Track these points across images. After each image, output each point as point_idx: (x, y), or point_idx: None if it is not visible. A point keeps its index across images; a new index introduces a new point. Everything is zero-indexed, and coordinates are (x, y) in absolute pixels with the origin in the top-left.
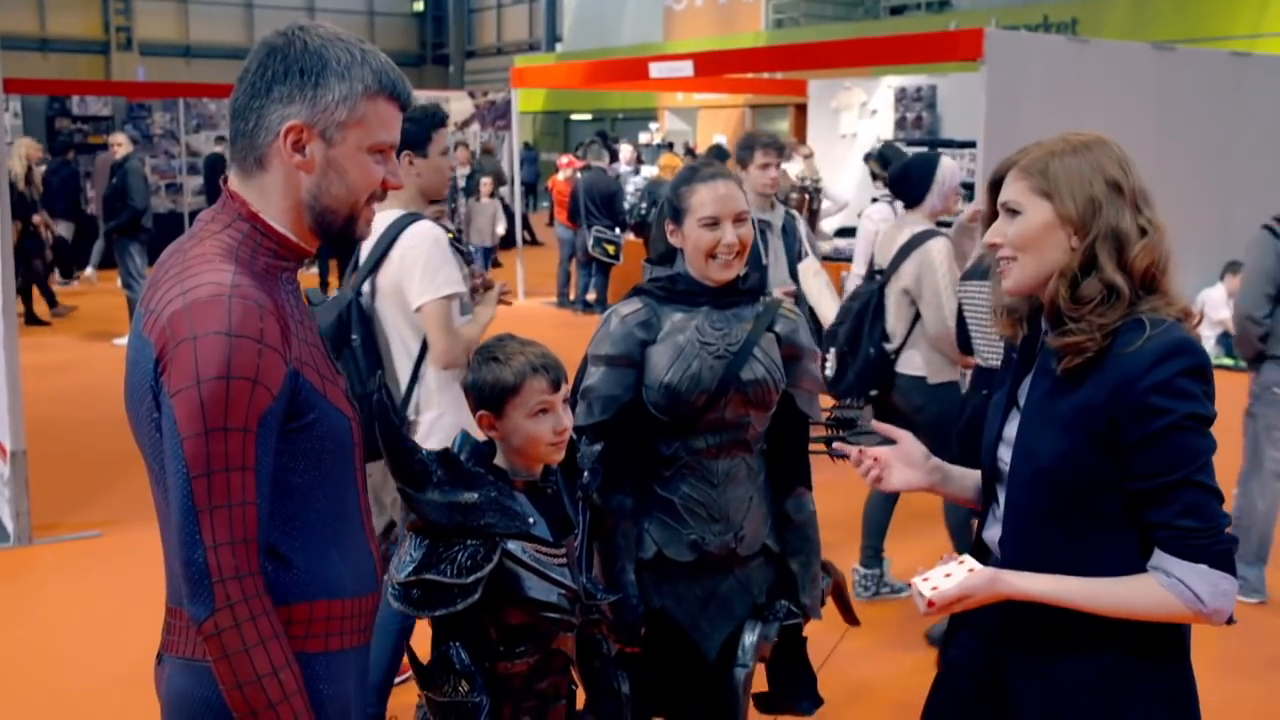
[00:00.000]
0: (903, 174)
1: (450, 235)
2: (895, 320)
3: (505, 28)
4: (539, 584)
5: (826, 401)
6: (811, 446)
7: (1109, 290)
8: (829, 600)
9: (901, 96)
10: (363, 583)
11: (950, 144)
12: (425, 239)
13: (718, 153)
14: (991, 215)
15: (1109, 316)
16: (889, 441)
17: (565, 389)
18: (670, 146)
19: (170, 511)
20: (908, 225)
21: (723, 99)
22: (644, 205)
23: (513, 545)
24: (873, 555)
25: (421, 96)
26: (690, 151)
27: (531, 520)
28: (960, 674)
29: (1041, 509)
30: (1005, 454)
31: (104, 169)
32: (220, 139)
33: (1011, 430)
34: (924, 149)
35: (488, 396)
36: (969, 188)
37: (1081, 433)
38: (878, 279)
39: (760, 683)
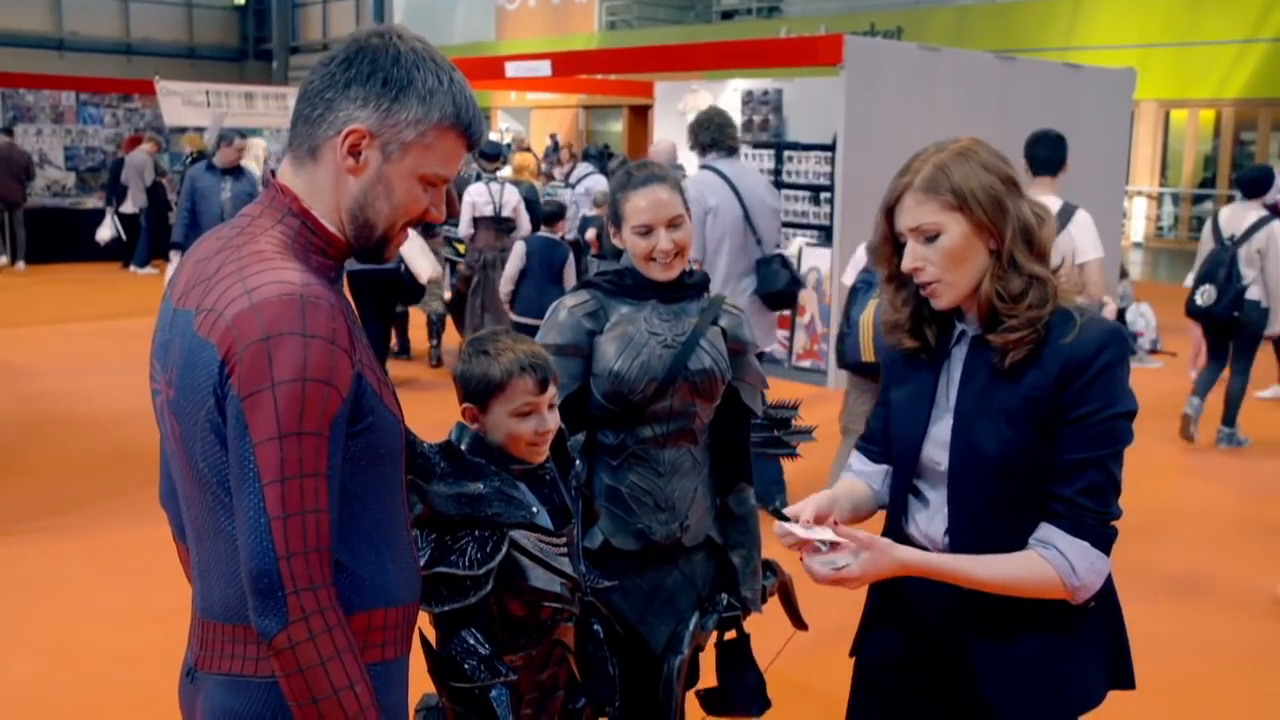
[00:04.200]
0: (1252, 178)
1: None
2: (1246, 267)
3: (331, 23)
4: (543, 574)
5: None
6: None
7: (1032, 281)
8: (773, 601)
9: (748, 100)
10: (410, 589)
11: (796, 146)
12: (1090, 224)
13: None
14: (888, 240)
15: (1044, 309)
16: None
17: (552, 390)
18: (527, 146)
19: (237, 518)
20: (1252, 210)
21: (556, 99)
22: None
23: (517, 535)
24: None
25: (243, 92)
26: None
27: (535, 509)
28: (886, 673)
29: (992, 499)
30: (934, 452)
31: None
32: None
33: (940, 429)
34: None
35: (474, 390)
36: (822, 189)
37: (1028, 421)
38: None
39: (710, 681)
